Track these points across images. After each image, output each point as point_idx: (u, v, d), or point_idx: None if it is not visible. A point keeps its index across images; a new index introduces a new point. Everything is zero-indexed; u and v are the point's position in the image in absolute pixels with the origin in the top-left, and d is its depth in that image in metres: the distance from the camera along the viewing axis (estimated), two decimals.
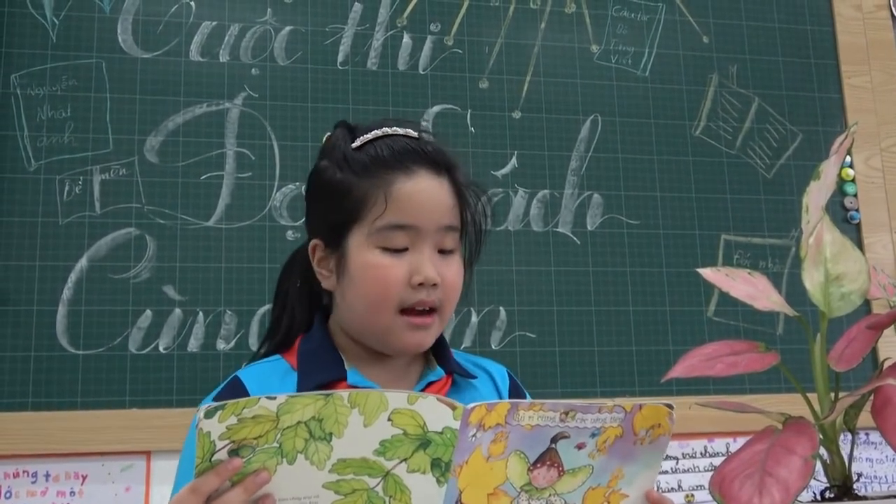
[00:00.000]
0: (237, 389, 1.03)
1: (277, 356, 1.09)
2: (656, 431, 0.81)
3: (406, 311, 1.02)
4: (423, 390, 1.06)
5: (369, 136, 1.05)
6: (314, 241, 1.08)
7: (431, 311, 1.02)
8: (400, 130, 1.05)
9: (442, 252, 1.04)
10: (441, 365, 1.10)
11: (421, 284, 1.00)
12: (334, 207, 1.04)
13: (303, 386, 1.03)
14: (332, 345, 1.08)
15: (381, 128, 1.05)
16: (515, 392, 1.16)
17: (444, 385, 1.08)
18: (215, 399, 1.02)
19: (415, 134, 1.06)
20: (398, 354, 1.06)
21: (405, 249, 1.01)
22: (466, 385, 1.11)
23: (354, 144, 1.05)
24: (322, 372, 1.04)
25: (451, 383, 1.09)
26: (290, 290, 1.13)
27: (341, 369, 1.05)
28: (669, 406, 0.80)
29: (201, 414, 0.72)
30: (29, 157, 1.74)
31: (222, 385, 1.06)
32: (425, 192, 1.02)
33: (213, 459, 0.73)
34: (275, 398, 0.73)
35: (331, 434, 0.75)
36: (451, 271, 1.04)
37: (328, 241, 1.06)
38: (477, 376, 1.13)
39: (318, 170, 1.08)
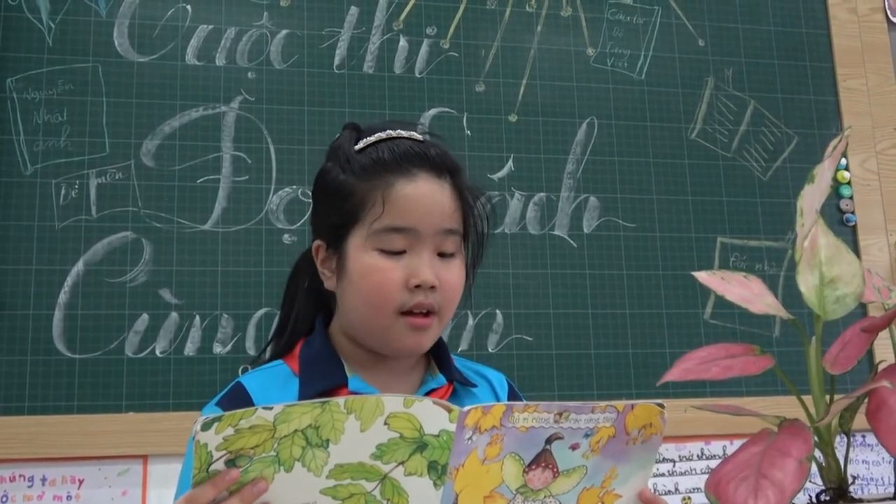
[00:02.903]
0: (240, 395, 1.03)
1: (279, 361, 1.09)
2: (648, 431, 0.81)
3: (405, 312, 1.01)
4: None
5: (372, 138, 1.05)
6: (317, 242, 1.09)
7: (430, 313, 1.02)
8: (404, 133, 1.06)
9: (442, 255, 1.04)
10: (442, 372, 1.10)
11: (418, 287, 1.00)
12: (336, 209, 1.05)
13: (304, 392, 1.03)
14: (333, 350, 1.08)
15: (386, 130, 1.06)
16: (514, 399, 1.16)
17: (444, 393, 1.08)
18: (218, 405, 1.02)
19: (419, 137, 1.06)
20: (397, 356, 1.06)
21: (403, 252, 1.01)
22: (466, 393, 1.11)
23: (357, 147, 1.06)
24: (324, 378, 1.04)
25: (451, 391, 1.09)
26: (299, 289, 1.14)
27: (342, 375, 1.05)
28: (661, 405, 0.80)
29: (198, 426, 0.72)
30: (25, 161, 1.74)
31: (224, 391, 1.06)
32: (425, 196, 1.02)
33: (209, 470, 0.73)
34: (271, 408, 0.73)
35: (328, 441, 0.75)
36: (452, 275, 1.04)
37: (330, 241, 1.06)
38: (477, 385, 1.13)
39: (323, 171, 1.09)
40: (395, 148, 1.04)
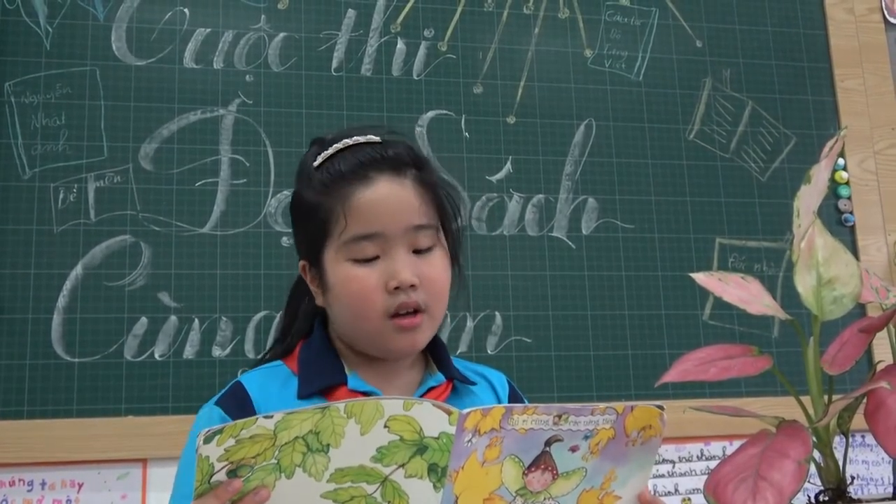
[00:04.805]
0: (239, 394, 1.04)
1: (278, 361, 1.10)
2: (648, 433, 0.81)
3: (393, 315, 1.02)
4: (423, 395, 1.07)
5: (329, 151, 1.06)
6: (301, 262, 1.10)
7: (417, 311, 1.02)
8: (361, 139, 1.06)
9: (419, 252, 1.04)
10: (441, 370, 1.10)
11: (397, 288, 1.01)
12: (307, 228, 1.07)
13: (304, 391, 1.04)
14: (332, 350, 1.08)
15: (343, 139, 1.06)
16: (514, 399, 1.17)
17: (444, 390, 1.09)
18: (217, 404, 1.03)
19: (377, 139, 1.06)
20: (395, 358, 1.07)
21: (377, 258, 1.02)
22: (466, 391, 1.11)
23: (315, 163, 1.06)
24: (322, 377, 1.05)
25: (451, 389, 1.10)
26: (300, 305, 1.15)
27: (341, 374, 1.06)
28: (660, 407, 0.81)
29: (200, 440, 0.72)
30: (23, 166, 1.74)
31: (224, 390, 1.07)
32: (385, 198, 1.02)
33: (211, 481, 0.73)
34: (272, 416, 0.73)
35: (328, 445, 0.75)
36: (433, 269, 1.04)
37: (310, 260, 1.07)
38: (477, 383, 1.13)
39: (294, 193, 1.11)
40: (352, 157, 1.04)
